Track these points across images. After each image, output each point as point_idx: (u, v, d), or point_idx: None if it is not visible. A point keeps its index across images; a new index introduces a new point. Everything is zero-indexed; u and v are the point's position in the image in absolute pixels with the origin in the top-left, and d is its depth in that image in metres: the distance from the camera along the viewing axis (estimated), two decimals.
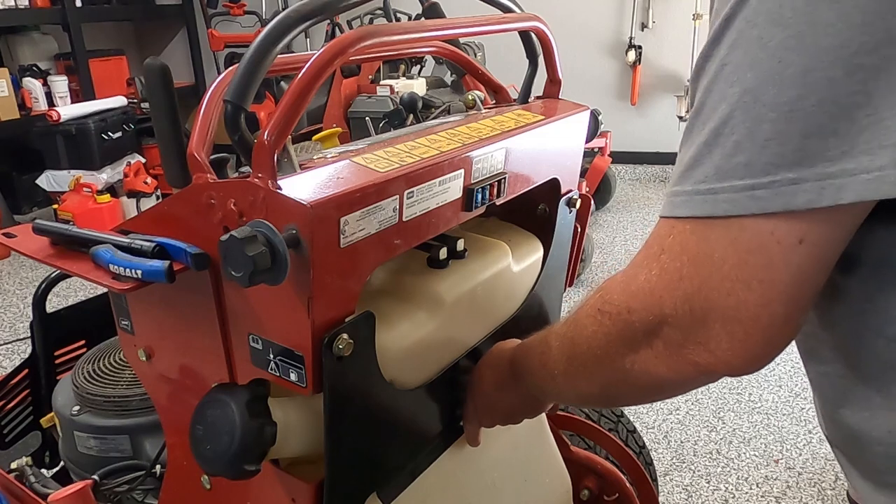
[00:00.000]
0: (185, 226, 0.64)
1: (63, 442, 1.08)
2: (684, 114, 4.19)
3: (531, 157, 0.85)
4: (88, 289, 2.85)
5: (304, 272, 0.57)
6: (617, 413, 1.37)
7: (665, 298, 0.51)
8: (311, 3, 0.61)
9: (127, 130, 3.75)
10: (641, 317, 0.54)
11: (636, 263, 0.55)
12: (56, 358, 1.24)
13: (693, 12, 4.07)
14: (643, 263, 0.54)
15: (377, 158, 0.66)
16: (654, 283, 0.52)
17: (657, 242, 0.53)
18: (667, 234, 0.52)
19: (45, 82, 4.04)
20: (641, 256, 0.55)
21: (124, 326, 0.76)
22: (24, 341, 2.50)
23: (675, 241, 0.51)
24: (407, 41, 0.69)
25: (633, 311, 0.55)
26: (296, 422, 0.67)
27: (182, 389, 0.74)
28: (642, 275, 0.54)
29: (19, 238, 0.69)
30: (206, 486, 0.76)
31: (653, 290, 0.52)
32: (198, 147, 0.66)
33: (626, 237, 3.44)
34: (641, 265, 0.54)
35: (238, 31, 4.72)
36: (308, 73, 0.58)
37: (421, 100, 1.33)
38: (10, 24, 4.07)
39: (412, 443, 0.79)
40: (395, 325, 0.73)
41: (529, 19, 0.84)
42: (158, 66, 0.71)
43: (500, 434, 0.88)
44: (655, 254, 0.53)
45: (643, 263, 0.54)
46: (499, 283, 0.87)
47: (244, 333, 0.65)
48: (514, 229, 0.96)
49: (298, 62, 0.70)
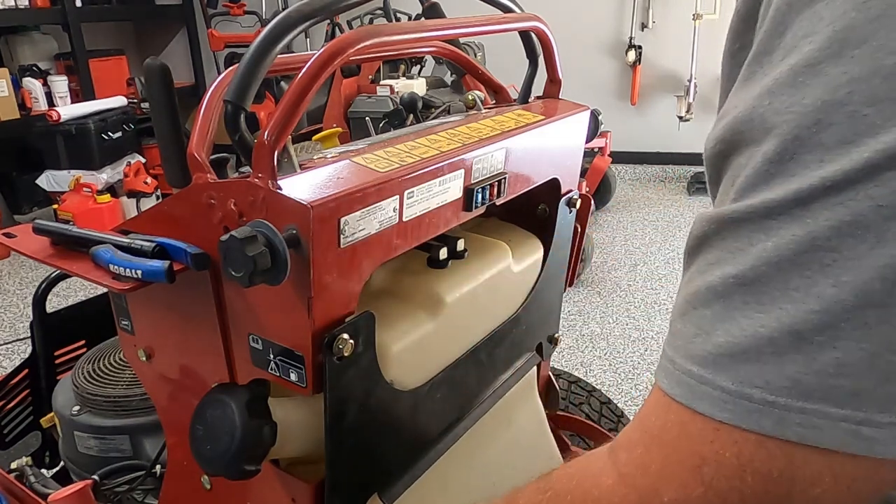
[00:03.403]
0: (185, 226, 0.64)
1: (63, 442, 1.08)
2: (684, 114, 4.19)
3: (531, 157, 0.85)
4: (88, 289, 2.85)
5: (304, 272, 0.57)
6: (617, 413, 1.37)
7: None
8: (311, 3, 0.61)
9: (127, 130, 3.75)
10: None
11: (645, 469, 0.42)
12: (56, 358, 1.24)
13: (693, 12, 4.07)
14: (664, 472, 0.41)
15: (377, 158, 0.66)
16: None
17: (686, 446, 0.40)
18: (705, 438, 0.39)
19: (45, 82, 4.04)
20: (651, 458, 0.42)
21: (124, 326, 0.76)
22: (24, 341, 2.50)
23: (728, 453, 0.39)
24: (407, 41, 0.69)
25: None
26: (296, 422, 0.67)
27: (182, 389, 0.74)
28: (671, 491, 0.40)
29: (19, 238, 0.69)
30: (206, 486, 0.76)
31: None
32: (198, 147, 0.66)
33: (626, 237, 3.44)
34: (661, 475, 0.41)
35: (238, 31, 4.72)
36: (308, 73, 0.58)
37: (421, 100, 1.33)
38: (10, 24, 4.07)
39: (413, 443, 0.79)
40: (396, 325, 0.72)
41: (529, 19, 0.84)
42: (158, 66, 0.71)
43: (500, 435, 0.88)
44: (687, 463, 0.40)
45: (664, 472, 0.41)
46: (499, 284, 0.87)
47: (244, 333, 0.65)
48: (514, 229, 0.96)
49: (298, 62, 0.70)
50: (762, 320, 0.37)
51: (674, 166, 4.51)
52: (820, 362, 0.35)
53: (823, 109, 0.35)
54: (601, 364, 2.25)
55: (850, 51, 0.35)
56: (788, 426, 0.36)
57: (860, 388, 0.35)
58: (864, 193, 0.34)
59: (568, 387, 1.36)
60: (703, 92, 4.19)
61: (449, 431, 0.84)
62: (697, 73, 4.17)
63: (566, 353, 2.31)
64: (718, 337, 0.39)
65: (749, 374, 0.37)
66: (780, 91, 0.37)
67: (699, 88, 4.18)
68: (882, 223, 0.34)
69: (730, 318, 0.39)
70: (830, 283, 0.35)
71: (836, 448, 0.36)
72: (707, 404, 0.39)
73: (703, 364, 0.39)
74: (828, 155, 0.35)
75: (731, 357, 0.38)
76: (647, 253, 3.18)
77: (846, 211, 0.34)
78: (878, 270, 0.34)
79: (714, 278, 0.40)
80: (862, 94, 0.34)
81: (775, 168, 0.37)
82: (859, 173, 0.34)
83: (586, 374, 2.18)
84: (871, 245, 0.34)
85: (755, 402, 0.37)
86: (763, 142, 0.38)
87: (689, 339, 0.41)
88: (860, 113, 0.34)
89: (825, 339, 0.35)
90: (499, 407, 0.92)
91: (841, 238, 0.35)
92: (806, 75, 0.36)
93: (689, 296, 0.42)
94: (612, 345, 2.37)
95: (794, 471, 0.37)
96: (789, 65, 0.37)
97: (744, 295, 0.38)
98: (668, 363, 0.42)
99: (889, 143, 0.33)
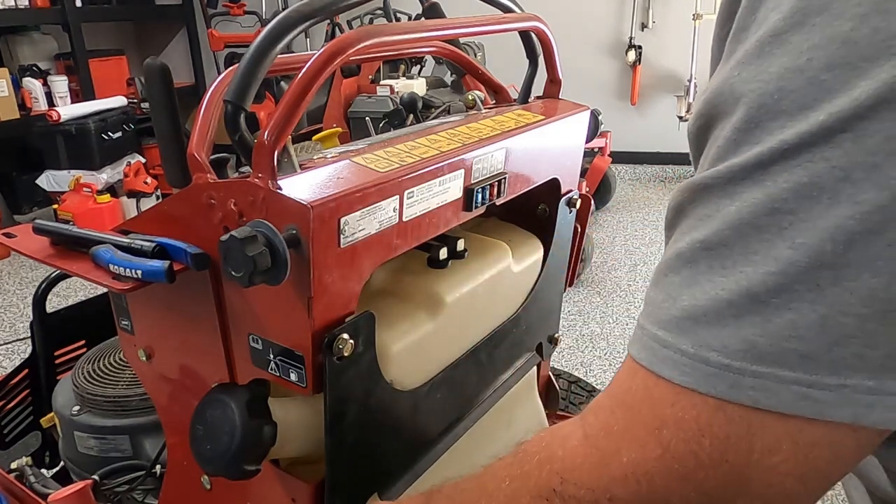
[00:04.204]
0: (185, 226, 0.64)
1: (63, 442, 1.08)
2: (684, 114, 4.19)
3: (531, 157, 0.85)
4: (88, 289, 2.85)
5: (304, 272, 0.57)
6: None
7: (673, 488, 0.40)
8: (311, 3, 0.61)
9: (127, 130, 3.74)
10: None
11: (608, 430, 0.43)
12: (56, 358, 1.24)
13: (693, 12, 4.07)
14: (626, 434, 0.42)
15: (377, 158, 0.66)
16: (653, 467, 0.40)
17: (648, 409, 0.41)
18: (667, 401, 0.40)
19: (45, 82, 4.04)
20: (615, 420, 0.43)
21: (124, 326, 0.76)
22: (24, 341, 2.50)
23: (688, 416, 0.39)
24: (407, 41, 0.69)
25: (618, 500, 0.42)
26: (296, 422, 0.67)
27: (182, 389, 0.74)
28: (631, 452, 0.41)
29: (19, 238, 0.69)
30: (206, 486, 0.76)
31: (651, 477, 0.40)
32: (198, 147, 0.66)
33: (626, 237, 3.44)
34: (623, 436, 0.42)
35: (238, 31, 4.72)
36: (308, 73, 0.58)
37: (421, 100, 1.33)
38: (10, 24, 4.07)
39: (413, 443, 0.79)
40: (396, 325, 0.72)
41: (529, 19, 0.84)
42: (158, 66, 0.71)
43: (500, 435, 0.88)
44: (648, 425, 0.40)
45: (626, 434, 0.42)
46: (499, 284, 0.87)
47: (244, 333, 0.65)
48: (514, 229, 0.96)
49: (298, 62, 0.69)
50: (723, 283, 0.38)
51: (674, 166, 4.51)
52: (775, 325, 0.36)
53: (786, 77, 0.36)
54: (601, 364, 2.25)
55: (812, 19, 0.35)
56: (742, 390, 0.37)
57: (811, 350, 0.35)
58: (819, 155, 0.34)
59: (568, 387, 1.36)
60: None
61: (449, 431, 0.84)
62: (697, 73, 4.17)
63: (566, 353, 2.31)
64: (683, 301, 0.39)
65: (708, 338, 0.38)
66: (749, 62, 0.38)
67: (699, 88, 4.18)
68: (835, 184, 0.34)
69: (695, 283, 0.39)
70: (787, 246, 0.35)
71: (787, 412, 0.36)
72: (668, 368, 0.39)
73: (668, 328, 0.40)
74: (789, 120, 0.36)
75: (693, 321, 0.39)
76: (647, 253, 3.18)
77: (804, 173, 0.35)
78: (830, 232, 0.34)
79: (683, 245, 0.41)
80: (820, 60, 0.35)
81: (742, 136, 0.38)
82: (815, 136, 0.35)
83: (586, 374, 2.18)
84: (825, 206, 0.34)
85: (712, 365, 0.38)
86: (733, 113, 0.39)
87: (657, 305, 0.42)
88: (818, 78, 0.35)
89: (781, 301, 0.36)
90: (499, 407, 0.92)
91: (798, 200, 0.35)
92: (772, 45, 0.37)
93: (662, 264, 0.43)
94: (612, 345, 2.37)
95: (753, 437, 0.37)
96: (757, 37, 0.38)
97: (709, 259, 0.39)
98: (638, 329, 0.43)
99: (843, 106, 0.34)
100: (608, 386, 0.46)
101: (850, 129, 0.34)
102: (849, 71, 0.34)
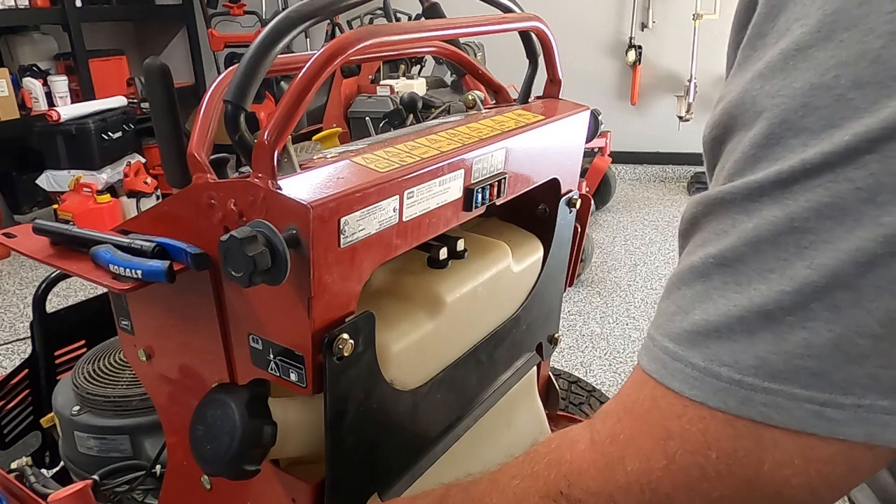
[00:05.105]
0: (185, 226, 0.64)
1: (63, 442, 1.08)
2: (684, 114, 4.19)
3: (531, 157, 0.85)
4: (88, 289, 2.85)
5: (304, 272, 0.57)
6: None
7: (677, 498, 0.40)
8: (311, 3, 0.61)
9: (127, 130, 3.75)
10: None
11: (615, 437, 0.43)
12: (56, 358, 1.24)
13: (693, 12, 4.07)
14: (632, 443, 0.42)
15: (377, 158, 0.66)
16: (657, 478, 0.40)
17: (655, 420, 0.41)
18: (674, 413, 0.40)
19: (45, 82, 4.04)
20: (621, 428, 0.43)
21: (124, 326, 0.76)
22: (24, 341, 2.50)
23: (695, 429, 0.39)
24: (407, 41, 0.69)
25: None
26: (296, 422, 0.67)
27: (182, 389, 0.74)
28: (636, 461, 0.41)
29: (19, 238, 0.69)
30: (207, 487, 0.76)
31: (655, 486, 0.41)
32: (198, 147, 0.66)
33: (626, 237, 3.44)
34: (629, 445, 0.42)
35: (238, 31, 4.72)
36: (308, 73, 0.58)
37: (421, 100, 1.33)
38: (10, 24, 4.07)
39: (413, 443, 0.79)
40: (396, 325, 0.72)
41: (529, 19, 0.84)
42: (158, 66, 0.71)
43: (500, 435, 0.88)
44: (654, 435, 0.41)
45: (632, 443, 0.42)
46: (499, 284, 0.87)
47: (244, 333, 0.65)
48: (514, 229, 0.96)
49: (298, 62, 0.69)
50: (736, 300, 0.37)
51: (674, 166, 4.51)
52: (789, 342, 0.36)
53: (811, 93, 0.35)
54: (601, 364, 2.25)
55: (839, 34, 0.35)
56: (753, 406, 0.37)
57: (825, 369, 0.35)
58: (843, 176, 0.34)
59: (568, 387, 1.36)
60: (704, 92, 4.19)
61: (449, 431, 0.84)
62: (697, 73, 4.16)
63: (566, 353, 2.31)
64: (695, 315, 0.39)
65: (719, 353, 0.38)
66: (772, 75, 0.38)
67: (699, 88, 4.18)
68: (859, 206, 0.34)
69: (708, 298, 0.39)
70: (805, 265, 0.35)
71: (799, 429, 0.36)
72: (678, 381, 0.39)
73: (678, 341, 0.40)
74: (813, 139, 0.35)
75: (704, 335, 0.39)
76: (647, 253, 3.18)
77: (826, 193, 0.34)
78: (852, 254, 0.34)
79: (697, 259, 0.40)
80: (848, 77, 0.34)
81: (762, 152, 0.37)
82: (840, 156, 0.34)
83: (586, 374, 2.18)
84: (848, 228, 0.34)
85: (723, 380, 0.37)
86: (753, 126, 0.38)
87: (669, 317, 0.42)
88: (846, 97, 0.34)
89: (795, 319, 0.35)
90: (499, 407, 0.92)
91: (819, 220, 0.35)
92: (796, 59, 0.36)
93: (675, 276, 0.43)
94: (612, 345, 2.37)
95: (763, 451, 0.37)
96: (780, 49, 0.38)
97: (723, 275, 0.39)
98: (648, 341, 0.43)
99: (871, 126, 0.33)
100: (617, 393, 0.46)
101: (876, 150, 0.33)
102: (878, 90, 0.33)
